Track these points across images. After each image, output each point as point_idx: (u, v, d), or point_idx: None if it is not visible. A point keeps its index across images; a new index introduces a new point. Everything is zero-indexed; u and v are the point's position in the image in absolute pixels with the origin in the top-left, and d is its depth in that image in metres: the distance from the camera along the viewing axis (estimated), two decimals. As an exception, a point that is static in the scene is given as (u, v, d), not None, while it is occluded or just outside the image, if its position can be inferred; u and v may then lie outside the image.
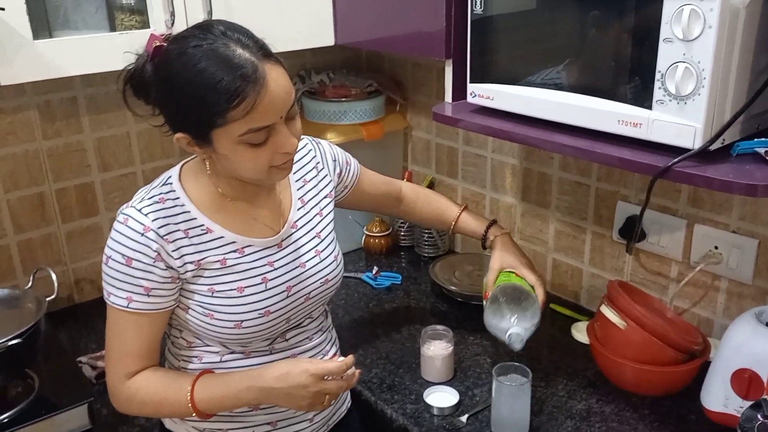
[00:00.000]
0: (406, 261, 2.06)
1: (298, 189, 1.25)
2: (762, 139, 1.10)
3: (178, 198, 1.11)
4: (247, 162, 1.04)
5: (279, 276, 1.17)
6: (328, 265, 1.24)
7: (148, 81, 1.05)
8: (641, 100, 1.11)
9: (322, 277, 1.23)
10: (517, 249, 1.45)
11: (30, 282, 1.44)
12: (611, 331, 1.41)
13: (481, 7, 1.32)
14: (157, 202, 1.10)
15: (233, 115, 0.97)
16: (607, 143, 1.18)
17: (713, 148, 1.07)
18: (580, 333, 1.61)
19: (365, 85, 1.99)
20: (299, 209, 1.23)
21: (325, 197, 1.29)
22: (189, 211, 1.11)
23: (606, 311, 1.41)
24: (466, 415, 1.37)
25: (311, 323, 1.26)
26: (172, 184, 1.13)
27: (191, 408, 1.11)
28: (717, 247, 1.45)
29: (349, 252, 2.09)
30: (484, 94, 1.36)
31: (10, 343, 1.17)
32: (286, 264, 1.18)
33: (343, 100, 1.95)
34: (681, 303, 1.56)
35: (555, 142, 1.21)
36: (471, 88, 1.39)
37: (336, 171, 1.34)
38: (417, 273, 1.98)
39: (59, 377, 1.42)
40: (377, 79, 2.03)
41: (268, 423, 1.22)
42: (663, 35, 1.06)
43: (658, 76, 1.08)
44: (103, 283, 1.11)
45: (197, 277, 1.12)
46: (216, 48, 0.98)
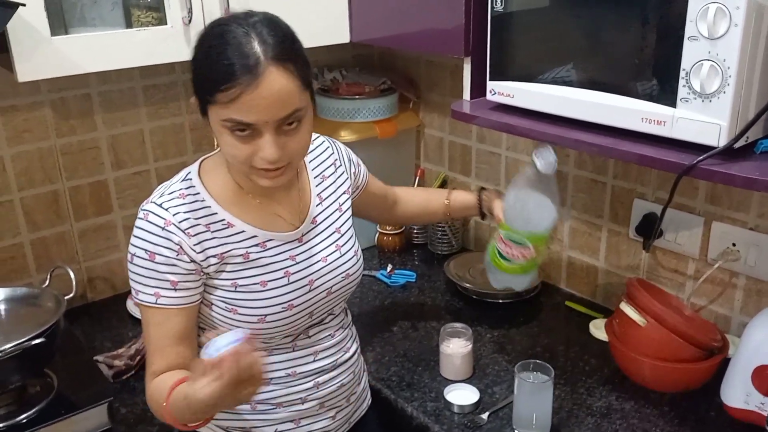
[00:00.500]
0: (419, 259, 2.05)
1: (316, 185, 1.25)
2: (786, 137, 1.10)
3: (198, 193, 1.12)
4: (229, 149, 1.03)
5: (301, 270, 1.17)
6: (348, 260, 1.25)
7: None
8: (665, 97, 1.11)
9: (343, 272, 1.23)
10: None
11: (47, 280, 1.44)
12: (631, 328, 1.41)
13: (502, 4, 1.32)
14: (178, 197, 1.10)
15: (220, 98, 0.98)
16: (629, 141, 1.18)
17: (737, 146, 1.07)
18: (598, 330, 1.61)
19: (379, 83, 1.98)
20: (318, 205, 1.23)
21: (344, 193, 1.29)
22: (210, 206, 1.11)
23: (626, 308, 1.41)
24: (486, 413, 1.37)
25: (333, 320, 1.27)
26: (191, 179, 1.13)
27: (165, 410, 1.05)
28: (735, 245, 1.45)
29: (362, 250, 2.07)
30: (504, 91, 1.36)
31: (33, 342, 1.17)
32: (307, 258, 1.19)
33: (357, 97, 1.94)
34: (698, 300, 1.56)
35: (577, 139, 1.21)
36: (491, 85, 1.38)
37: (352, 170, 1.34)
38: (431, 271, 1.98)
39: (77, 376, 1.42)
40: (390, 77, 2.03)
41: (291, 420, 1.22)
42: (688, 33, 1.05)
43: (682, 74, 1.08)
44: (131, 282, 1.11)
45: (220, 272, 1.12)
46: (238, 34, 0.99)
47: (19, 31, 1.26)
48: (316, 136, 1.30)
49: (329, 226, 1.24)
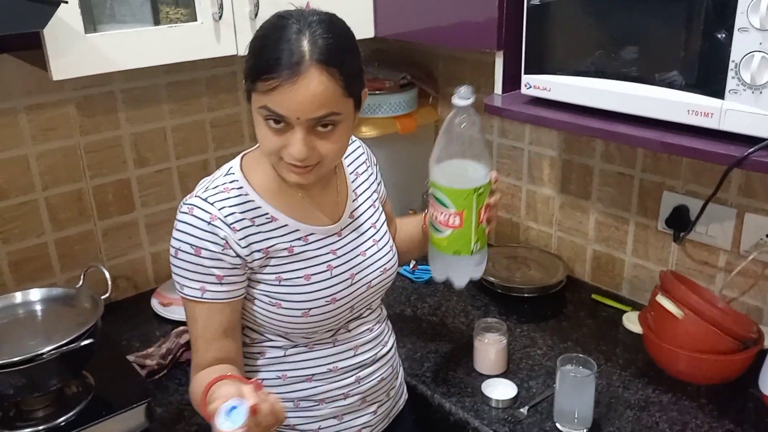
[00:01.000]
0: (440, 254, 2.05)
1: (352, 181, 1.25)
2: (833, 128, 1.10)
3: (241, 187, 1.11)
4: (262, 138, 1.05)
5: (342, 264, 1.17)
6: (385, 254, 1.25)
7: None
8: (712, 89, 1.11)
9: (381, 266, 1.23)
10: None
11: (81, 280, 1.42)
12: (667, 321, 1.41)
13: (539, -3, 1.31)
14: (222, 191, 1.10)
15: (260, 86, 1.00)
16: (674, 133, 1.18)
17: (787, 137, 1.07)
18: (631, 323, 1.62)
19: (399, 78, 1.97)
20: (354, 200, 1.24)
21: (375, 192, 1.29)
22: (253, 200, 1.11)
23: (663, 301, 1.41)
24: (525, 407, 1.37)
25: (371, 314, 1.27)
26: (234, 174, 1.13)
27: (203, 411, 1.00)
28: (768, 236, 1.46)
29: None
30: (540, 85, 1.36)
31: (83, 343, 1.15)
32: (348, 252, 1.19)
33: (378, 92, 1.94)
34: (729, 292, 1.57)
35: (621, 132, 1.21)
36: (526, 79, 1.38)
37: (378, 177, 1.34)
38: (454, 266, 1.97)
39: (113, 376, 1.40)
40: (410, 72, 2.02)
41: (333, 416, 1.22)
42: (738, 25, 1.06)
43: (731, 65, 1.08)
44: (175, 277, 1.10)
45: (264, 266, 1.12)
46: (292, 30, 1.00)
47: (55, 29, 1.24)
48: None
49: (366, 221, 1.24)
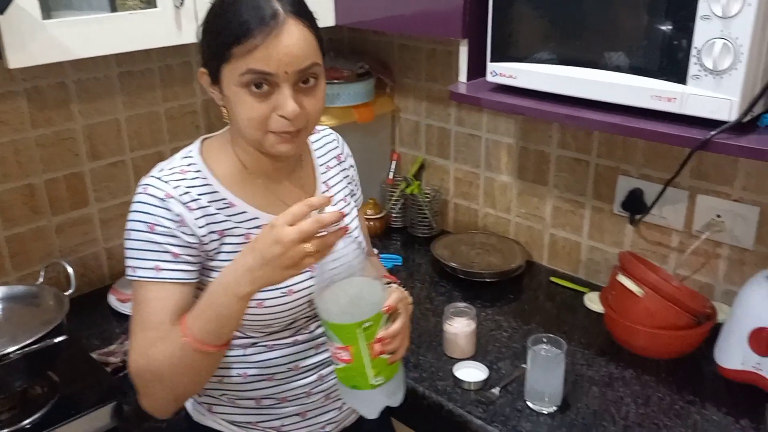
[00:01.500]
0: (400, 242, 2.07)
1: (322, 173, 1.23)
2: (787, 111, 1.17)
3: (199, 171, 1.07)
4: (245, 111, 1.00)
5: None
6: (352, 251, 1.18)
7: None
8: (675, 75, 1.16)
9: (346, 261, 1.19)
10: None
11: (41, 277, 1.37)
12: (627, 299, 1.46)
13: (504, -14, 1.34)
14: (179, 173, 1.06)
15: (237, 52, 0.97)
16: (638, 118, 1.23)
17: (744, 120, 1.13)
18: (593, 303, 1.67)
19: (357, 67, 1.98)
20: (324, 192, 1.21)
21: (346, 187, 1.26)
22: (211, 185, 1.07)
23: (623, 280, 1.47)
24: (497, 388, 1.40)
25: None
26: (192, 157, 1.09)
27: (187, 342, 0.97)
28: (719, 216, 1.53)
29: (342, 236, 2.07)
30: (506, 73, 1.39)
31: (55, 341, 1.11)
32: None
33: (336, 82, 1.93)
34: (682, 271, 1.64)
35: (593, 119, 1.25)
36: (491, 67, 1.41)
37: (353, 174, 1.30)
38: (414, 254, 1.99)
39: (78, 375, 1.36)
40: (365, 61, 2.02)
41: (297, 414, 1.19)
42: (700, 12, 1.10)
43: (693, 51, 1.13)
44: (127, 261, 1.04)
45: (219, 252, 1.07)
46: None
47: (12, 16, 1.19)
48: (326, 128, 1.29)
49: None
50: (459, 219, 2.08)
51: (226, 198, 1.08)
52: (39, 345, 1.13)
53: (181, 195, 1.04)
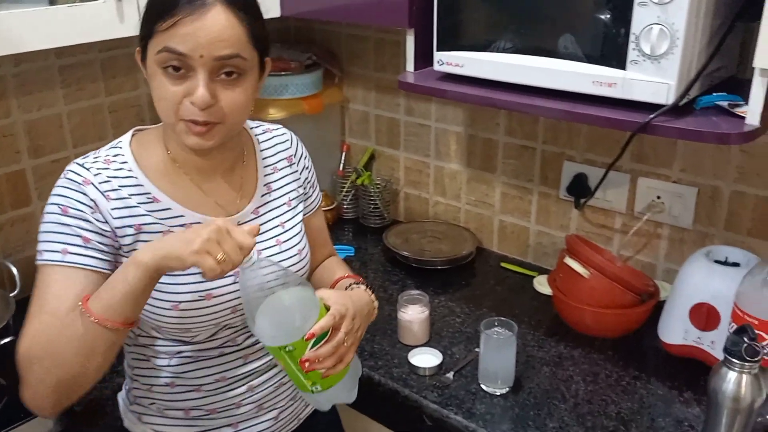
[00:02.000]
0: (352, 233, 2.08)
1: (265, 175, 1.17)
2: (719, 94, 1.22)
3: (125, 162, 1.04)
4: (160, 91, 0.98)
5: None
6: (288, 258, 1.16)
7: None
8: (615, 60, 1.20)
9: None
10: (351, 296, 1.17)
11: (-17, 277, 1.33)
12: (574, 281, 1.51)
13: (448, -25, 1.35)
14: (102, 162, 1.03)
15: (159, 28, 0.95)
16: (583, 104, 1.26)
17: (681, 103, 1.18)
18: (542, 286, 1.71)
19: (304, 58, 1.97)
20: (264, 195, 1.16)
21: (294, 191, 1.21)
22: (136, 177, 1.04)
23: (570, 262, 1.51)
24: (451, 372, 1.42)
25: None
26: (120, 148, 1.06)
27: (85, 313, 0.91)
28: (659, 197, 1.59)
29: (293, 228, 2.07)
30: (452, 61, 1.40)
31: (2, 342, 1.08)
32: None
33: (283, 73, 1.92)
34: (626, 251, 1.69)
35: (538, 105, 1.28)
36: (438, 56, 1.42)
37: (305, 177, 1.25)
38: (366, 244, 2.00)
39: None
40: (312, 52, 2.02)
41: (228, 425, 1.15)
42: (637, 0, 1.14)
43: (632, 37, 1.16)
44: (38, 245, 0.99)
45: (133, 249, 1.02)
46: None
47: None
48: (280, 128, 1.25)
49: (273, 219, 1.16)
50: (410, 208, 2.10)
51: (150, 192, 1.04)
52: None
53: (101, 183, 1.01)
